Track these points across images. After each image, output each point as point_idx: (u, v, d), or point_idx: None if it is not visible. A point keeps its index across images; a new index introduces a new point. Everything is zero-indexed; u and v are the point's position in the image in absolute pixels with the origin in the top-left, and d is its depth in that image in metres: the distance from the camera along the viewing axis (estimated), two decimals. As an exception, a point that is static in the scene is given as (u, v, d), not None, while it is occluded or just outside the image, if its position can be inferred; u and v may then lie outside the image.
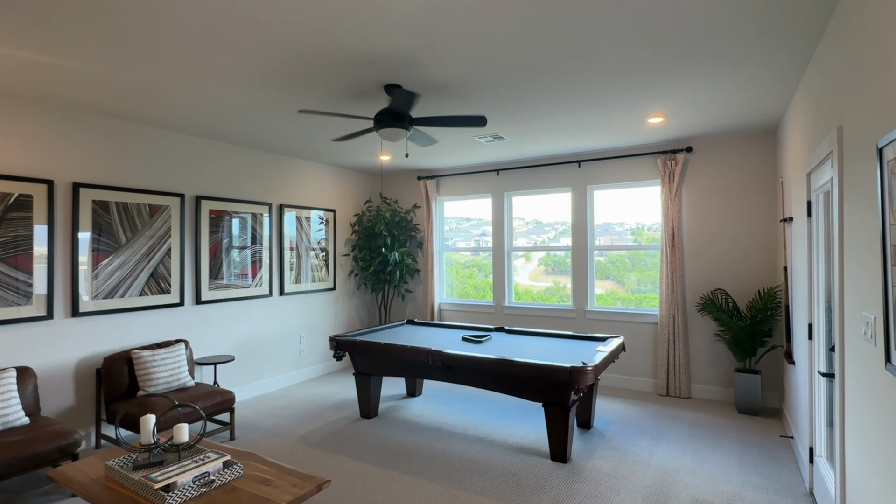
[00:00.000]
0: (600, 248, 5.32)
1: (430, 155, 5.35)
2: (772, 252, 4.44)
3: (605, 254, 5.37)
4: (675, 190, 4.75)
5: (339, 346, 4.12)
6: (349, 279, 6.24)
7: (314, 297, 5.69)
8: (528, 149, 5.07)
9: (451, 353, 3.52)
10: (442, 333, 4.50)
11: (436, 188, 6.25)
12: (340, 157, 5.41)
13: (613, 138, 4.65)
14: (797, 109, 3.26)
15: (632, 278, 5.24)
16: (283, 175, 5.32)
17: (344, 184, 6.17)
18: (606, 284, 5.30)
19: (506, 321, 5.79)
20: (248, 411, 4.44)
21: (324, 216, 5.81)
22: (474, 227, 6.24)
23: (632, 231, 5.19)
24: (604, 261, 5.33)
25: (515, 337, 4.29)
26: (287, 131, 4.28)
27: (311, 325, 5.66)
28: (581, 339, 4.14)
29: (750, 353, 4.24)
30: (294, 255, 5.38)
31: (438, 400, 4.71)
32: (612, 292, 5.30)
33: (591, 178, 5.29)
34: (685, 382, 4.70)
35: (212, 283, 4.55)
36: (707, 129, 4.36)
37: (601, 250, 5.32)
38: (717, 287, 4.65)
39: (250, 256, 4.90)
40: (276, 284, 5.19)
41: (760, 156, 4.49)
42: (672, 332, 4.74)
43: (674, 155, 4.76)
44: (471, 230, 6.27)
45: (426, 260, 6.23)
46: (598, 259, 5.40)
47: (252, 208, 4.93)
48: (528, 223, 5.84)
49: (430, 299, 6.18)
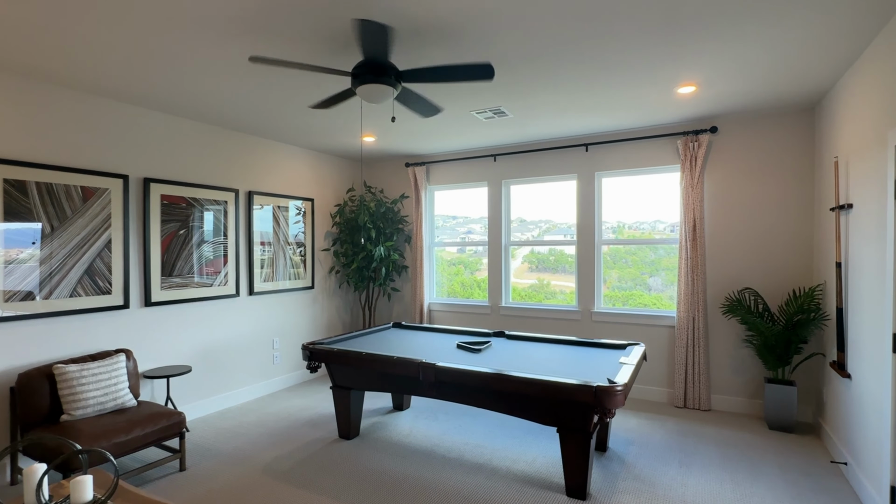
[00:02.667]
0: (609, 241, 4.77)
1: (419, 138, 4.74)
2: (806, 247, 3.93)
3: None
4: (697, 176, 4.21)
5: (313, 356, 3.50)
6: (329, 277, 5.61)
7: (289, 297, 5.05)
8: (531, 130, 4.49)
9: (447, 366, 2.93)
10: (433, 339, 3.91)
11: (426, 176, 5.64)
12: (319, 138, 4.77)
13: (630, 116, 4.09)
14: (869, 68, 2.72)
15: (613, 276, 4.76)
16: (253, 158, 4.66)
17: (323, 170, 5.52)
18: None
19: (502, 323, 5.22)
20: (207, 431, 3.80)
21: (301, 206, 5.16)
22: (460, 224, 5.66)
23: (646, 224, 4.65)
24: None
25: (518, 344, 3.72)
26: (255, 102, 3.63)
27: (286, 329, 5.02)
28: (595, 346, 3.59)
29: (784, 361, 3.73)
30: (266, 250, 4.73)
31: (429, 415, 4.12)
32: None
33: (600, 164, 4.73)
34: (705, 393, 4.18)
35: (165, 281, 3.88)
36: (736, 105, 3.82)
37: (611, 244, 4.77)
38: (744, 286, 4.13)
39: (213, 251, 4.25)
40: (244, 283, 4.54)
41: (795, 137, 3.97)
42: (692, 337, 4.22)
43: (696, 136, 4.22)
44: (456, 228, 5.69)
45: (415, 255, 5.63)
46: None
47: (215, 195, 4.27)
48: (523, 221, 5.27)
49: (419, 299, 5.59)
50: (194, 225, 4.11)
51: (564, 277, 4.97)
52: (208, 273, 4.20)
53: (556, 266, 5.02)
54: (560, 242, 5.03)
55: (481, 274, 5.54)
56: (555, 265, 5.02)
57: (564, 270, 4.96)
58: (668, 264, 4.54)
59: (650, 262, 4.64)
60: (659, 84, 3.31)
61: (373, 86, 2.55)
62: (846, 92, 3.10)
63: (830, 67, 3.02)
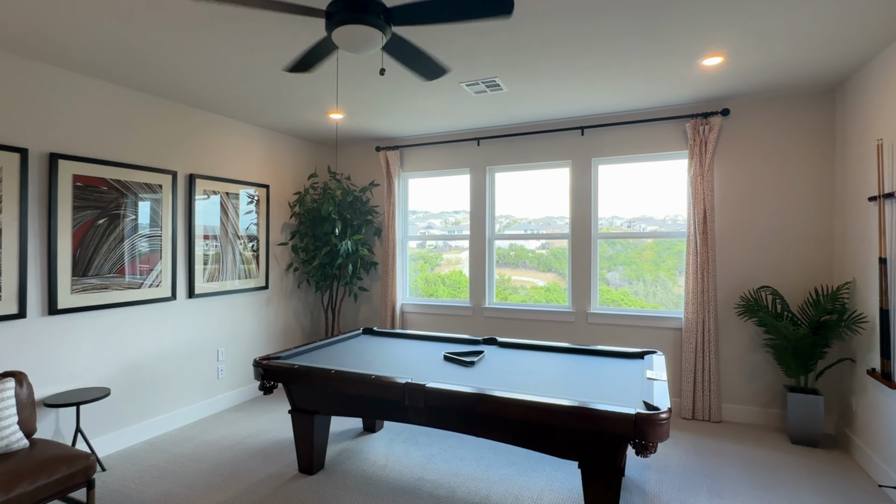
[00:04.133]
0: (606, 235, 4.29)
1: (394, 117, 4.09)
2: (826, 240, 3.58)
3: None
4: (707, 163, 3.79)
5: (267, 375, 2.81)
6: (287, 275, 4.87)
7: (239, 300, 4.29)
8: (523, 108, 3.94)
9: (440, 388, 2.33)
10: (414, 350, 3.29)
11: (399, 161, 5.00)
12: (276, 115, 4.03)
13: (637, 94, 3.61)
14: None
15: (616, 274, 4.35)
16: (196, 136, 3.88)
17: (280, 153, 4.78)
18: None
19: (487, 327, 4.66)
20: (129, 471, 3.02)
21: (254, 194, 4.40)
22: (420, 219, 5.09)
23: (639, 220, 4.20)
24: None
25: (514, 354, 3.16)
26: (196, 63, 2.88)
27: (234, 337, 4.26)
28: (605, 355, 3.08)
29: (807, 368, 3.35)
30: (211, 244, 3.96)
31: (407, 437, 3.50)
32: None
33: (596, 150, 4.25)
34: (716, 403, 3.77)
35: (78, 283, 3.08)
36: (754, 84, 3.41)
37: (608, 238, 4.30)
38: (761, 284, 3.74)
39: (143, 245, 3.45)
40: (182, 283, 3.76)
41: (813, 121, 3.61)
42: (702, 341, 3.79)
43: (706, 119, 3.79)
44: (416, 223, 5.11)
45: (386, 251, 4.98)
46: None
47: (146, 177, 3.47)
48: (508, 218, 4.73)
49: (390, 299, 4.94)
50: (119, 213, 3.31)
51: (525, 273, 4.62)
52: (136, 272, 3.41)
53: (517, 261, 4.61)
54: (553, 236, 4.52)
55: (443, 269, 5.00)
56: (515, 260, 4.62)
57: (525, 266, 4.64)
58: (670, 263, 4.11)
59: (650, 259, 4.19)
60: (683, 53, 2.82)
61: (353, 28, 1.91)
62: (890, 69, 2.71)
63: (866, 42, 2.63)
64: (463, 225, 4.93)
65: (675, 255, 4.09)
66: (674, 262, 4.09)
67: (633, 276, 4.22)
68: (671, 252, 4.10)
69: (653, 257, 4.16)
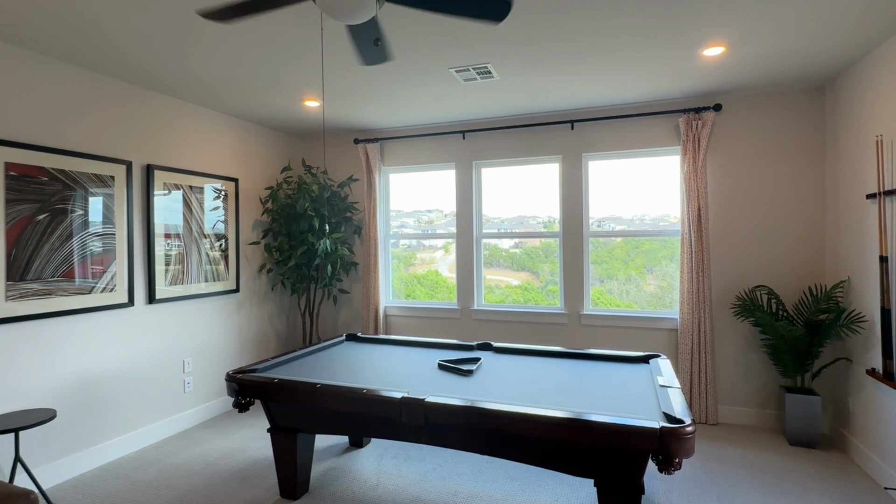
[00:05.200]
0: (599, 233, 4.16)
1: (374, 106, 3.82)
2: (817, 239, 3.54)
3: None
4: (700, 159, 3.70)
5: (243, 391, 2.51)
6: (259, 277, 4.52)
7: (207, 304, 3.92)
8: (512, 99, 3.75)
9: (441, 402, 2.09)
10: (404, 357, 3.04)
11: (379, 155, 4.72)
12: (245, 100, 3.69)
13: (631, 86, 3.47)
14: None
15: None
16: (154, 122, 3.50)
17: (251, 143, 4.42)
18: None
19: (476, 330, 4.46)
20: (81, 502, 2.65)
21: (221, 188, 4.04)
22: (393, 218, 4.86)
23: (637, 220, 4.09)
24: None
25: (512, 360, 2.96)
26: (155, 37, 2.53)
27: (203, 345, 3.89)
28: (607, 360, 2.92)
29: (804, 368, 3.30)
30: (174, 244, 3.58)
31: (398, 452, 3.25)
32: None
33: (587, 144, 4.10)
34: (712, 405, 3.69)
35: (13, 288, 2.67)
36: (749, 78, 3.33)
37: (601, 236, 4.16)
38: (756, 283, 3.68)
39: (94, 245, 3.06)
40: (140, 287, 3.37)
41: (804, 117, 3.57)
42: (697, 341, 3.70)
43: (699, 114, 3.70)
44: (402, 219, 4.87)
45: (367, 250, 4.70)
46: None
47: (96, 167, 3.08)
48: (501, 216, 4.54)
49: (372, 302, 4.67)
50: (64, 208, 2.91)
51: (499, 272, 4.54)
52: (87, 275, 3.02)
53: (491, 260, 4.50)
54: (542, 234, 4.36)
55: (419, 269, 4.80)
56: (489, 259, 4.50)
57: (499, 265, 4.57)
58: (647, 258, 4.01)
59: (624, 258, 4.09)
60: (685, 42, 2.69)
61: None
62: (891, 64, 2.66)
63: (864, 35, 2.57)
64: (442, 223, 4.70)
65: (642, 254, 4.04)
66: (642, 261, 4.05)
67: (605, 274, 4.16)
68: (639, 251, 4.05)
69: (622, 256, 4.11)
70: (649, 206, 4.03)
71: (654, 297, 4.05)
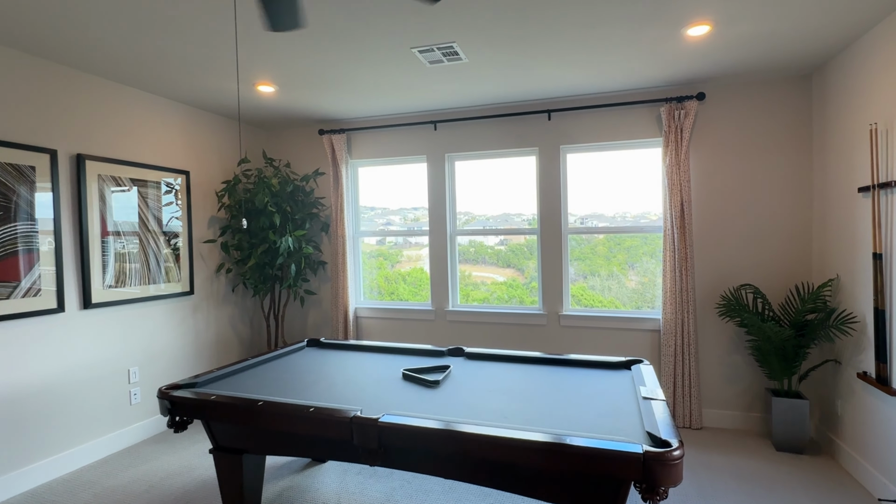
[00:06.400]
0: (579, 230, 3.95)
1: (337, 92, 3.53)
2: (804, 235, 3.38)
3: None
4: (683, 151, 3.50)
5: (176, 408, 2.22)
6: (218, 277, 4.20)
7: (156, 308, 3.60)
8: (485, 86, 3.50)
9: (396, 423, 1.84)
10: (368, 365, 2.79)
11: (346, 147, 4.43)
12: (195, 86, 3.37)
13: (610, 71, 3.25)
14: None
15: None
16: (85, 107, 3.16)
17: (204, 133, 4.09)
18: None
19: (451, 332, 4.22)
20: (-4, 537, 2.34)
21: (170, 181, 3.71)
22: (378, 216, 4.59)
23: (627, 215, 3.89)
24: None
25: (484, 368, 2.73)
26: (80, 8, 2.21)
27: (152, 353, 3.57)
28: (586, 366, 2.70)
29: (791, 370, 3.14)
30: (113, 242, 3.25)
31: (363, 468, 3.00)
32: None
33: (565, 136, 3.88)
34: (696, 408, 3.52)
35: (-83, 294, 2.33)
36: (733, 64, 3.14)
37: (581, 233, 3.95)
38: (741, 282, 3.50)
39: (10, 244, 2.72)
40: (72, 291, 3.05)
41: (789, 109, 3.39)
42: (681, 342, 3.52)
43: (681, 103, 3.50)
44: (375, 219, 4.61)
45: (335, 248, 4.42)
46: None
47: (10, 155, 2.73)
48: (478, 197, 4.30)
49: (342, 303, 4.39)
50: (-23, 203, 2.58)
51: (485, 269, 4.35)
52: (7, 279, 2.68)
53: (477, 257, 4.31)
54: (519, 231, 4.13)
55: (404, 266, 4.54)
56: (475, 256, 4.32)
57: (485, 262, 4.39)
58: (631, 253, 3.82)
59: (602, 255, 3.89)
60: (667, 19, 2.47)
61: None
62: (887, 47, 2.48)
63: (856, 17, 2.38)
64: (423, 221, 4.44)
65: (624, 250, 3.86)
66: (623, 257, 3.87)
67: (588, 270, 3.97)
68: (621, 248, 3.87)
69: (605, 252, 3.94)
70: (630, 201, 3.83)
71: (635, 294, 3.87)
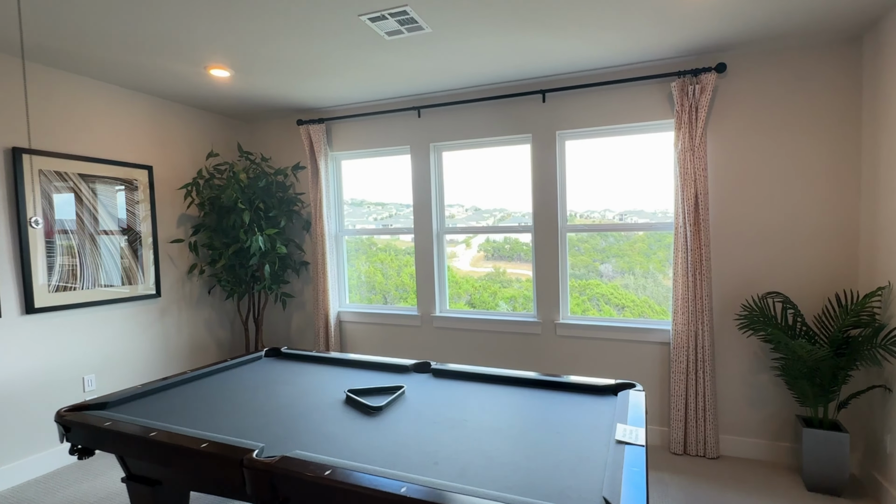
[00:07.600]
0: (577, 228, 3.48)
1: (303, 75, 3.19)
2: (849, 235, 2.81)
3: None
4: (698, 135, 2.98)
5: (72, 434, 1.93)
6: (190, 279, 3.96)
7: (117, 312, 3.38)
8: (462, 61, 3.08)
9: (292, 471, 1.48)
10: (319, 383, 2.44)
11: (325, 138, 4.10)
12: (157, 74, 3.10)
13: (611, 42, 2.77)
14: None
15: None
16: (23, 97, 2.94)
17: (168, 125, 3.84)
18: None
19: (437, 339, 3.83)
20: None
21: (131, 177, 3.47)
22: (367, 213, 4.22)
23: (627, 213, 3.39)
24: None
25: (446, 388, 2.33)
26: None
27: (112, 360, 3.35)
28: (565, 390, 2.26)
29: (828, 395, 2.59)
30: (62, 242, 3.04)
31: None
32: None
33: (562, 120, 3.42)
34: (712, 435, 3.01)
35: None
36: (758, 27, 2.60)
37: (580, 231, 3.49)
38: (767, 290, 2.96)
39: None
40: (11, 295, 2.83)
41: (834, 80, 2.82)
42: (695, 358, 3.02)
43: (696, 77, 2.98)
44: (367, 217, 4.23)
45: (315, 248, 4.10)
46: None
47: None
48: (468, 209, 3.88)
49: (323, 307, 4.08)
50: None
51: (521, 265, 3.86)
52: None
53: (512, 254, 3.86)
54: (512, 230, 3.70)
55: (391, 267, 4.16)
56: (510, 253, 3.87)
57: (520, 259, 3.92)
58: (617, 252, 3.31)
59: (631, 253, 3.39)
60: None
61: None
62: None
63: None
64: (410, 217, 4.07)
65: (665, 248, 3.32)
66: (664, 255, 3.32)
67: (626, 267, 3.47)
68: (661, 244, 3.33)
69: (644, 249, 3.45)
70: (637, 194, 3.33)
71: (642, 302, 3.37)
